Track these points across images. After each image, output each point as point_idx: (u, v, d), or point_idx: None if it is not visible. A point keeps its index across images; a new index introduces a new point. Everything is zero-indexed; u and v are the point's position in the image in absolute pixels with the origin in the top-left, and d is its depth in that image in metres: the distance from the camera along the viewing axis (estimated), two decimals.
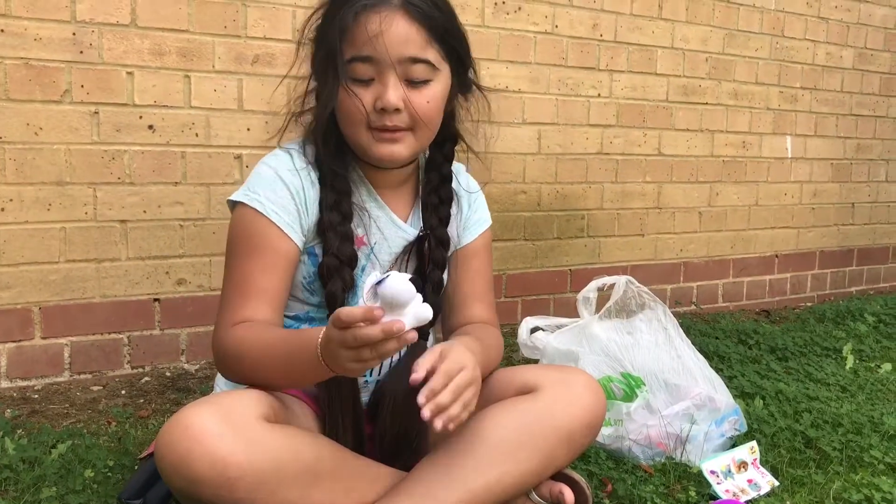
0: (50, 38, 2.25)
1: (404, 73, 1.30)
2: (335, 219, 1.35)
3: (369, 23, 1.26)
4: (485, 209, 1.61)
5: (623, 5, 3.30)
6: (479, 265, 1.55)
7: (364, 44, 1.27)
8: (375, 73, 1.30)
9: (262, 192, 1.34)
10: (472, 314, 1.53)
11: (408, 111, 1.31)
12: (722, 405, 1.96)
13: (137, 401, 2.26)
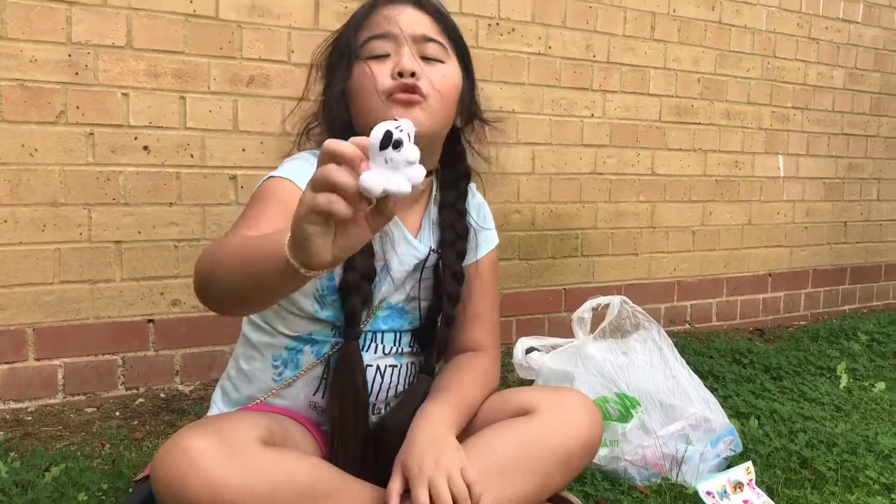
0: (46, 60, 2.25)
1: (419, 50, 1.35)
2: None
3: (384, 10, 1.35)
4: (492, 228, 1.61)
5: (616, 26, 3.33)
6: (483, 284, 1.55)
7: (379, 24, 1.34)
8: (392, 48, 1.34)
9: (291, 170, 1.33)
10: (472, 337, 1.53)
11: (424, 81, 1.33)
12: (717, 425, 1.96)
13: (131, 422, 2.24)
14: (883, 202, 4.43)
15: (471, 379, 1.45)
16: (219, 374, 2.51)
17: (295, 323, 1.40)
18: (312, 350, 1.39)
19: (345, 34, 1.40)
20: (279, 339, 1.41)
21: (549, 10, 3.15)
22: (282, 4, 2.57)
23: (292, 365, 1.40)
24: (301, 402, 1.41)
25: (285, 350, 1.41)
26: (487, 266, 1.56)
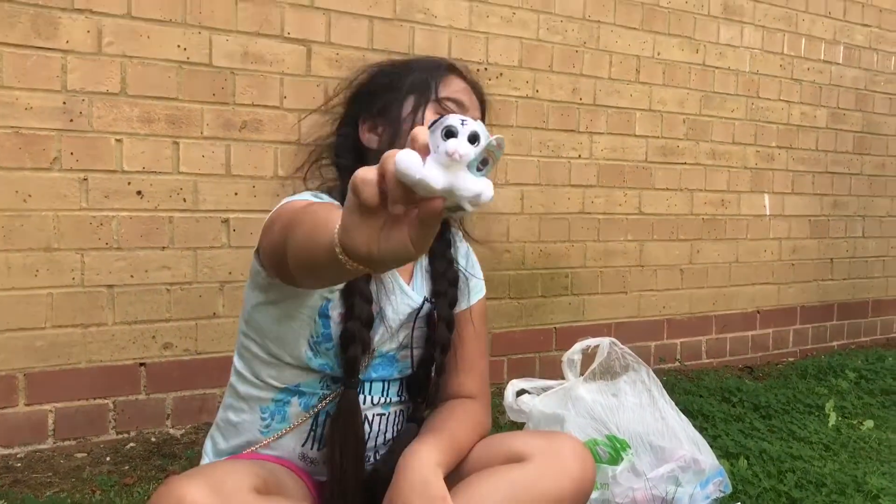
0: (41, 108, 2.28)
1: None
2: (360, 283, 1.36)
3: (461, 81, 1.43)
4: (479, 277, 1.62)
5: (601, 70, 3.39)
6: (473, 332, 1.56)
7: (458, 92, 1.41)
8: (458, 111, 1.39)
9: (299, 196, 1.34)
10: (462, 384, 1.53)
11: None
12: (706, 467, 1.97)
13: (122, 468, 2.24)
14: (868, 239, 4.49)
15: (461, 422, 1.46)
16: (210, 418, 2.51)
17: (284, 373, 1.40)
18: (300, 402, 1.40)
19: (415, 77, 1.41)
20: (266, 392, 1.42)
21: (536, 54, 3.21)
22: (274, 52, 2.62)
23: (279, 416, 1.41)
24: (291, 453, 1.41)
25: (272, 402, 1.41)
26: (478, 314, 1.57)
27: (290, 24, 2.65)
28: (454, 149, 0.69)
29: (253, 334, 1.41)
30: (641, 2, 3.48)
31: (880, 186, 4.51)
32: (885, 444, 2.62)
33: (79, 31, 2.32)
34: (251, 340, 1.42)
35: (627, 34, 3.46)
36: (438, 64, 1.45)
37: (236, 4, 2.55)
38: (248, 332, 1.42)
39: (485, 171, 0.73)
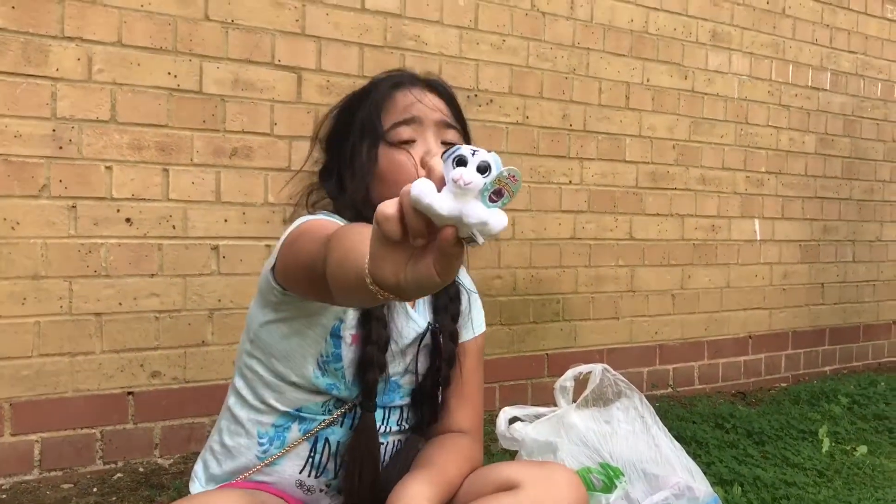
0: (30, 135, 2.28)
1: (440, 135, 1.37)
2: (377, 307, 1.36)
3: (407, 94, 1.38)
4: (481, 314, 1.63)
5: (591, 96, 3.41)
6: (471, 366, 1.56)
7: (405, 109, 1.36)
8: (416, 133, 1.35)
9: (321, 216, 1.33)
10: (456, 418, 1.52)
11: None
12: (701, 494, 1.95)
13: (109, 499, 2.20)
14: (858, 263, 4.50)
15: (453, 458, 1.44)
16: (198, 447, 2.48)
17: (287, 395, 1.38)
18: (300, 428, 1.39)
19: (363, 113, 1.39)
20: (267, 416, 1.40)
21: (525, 81, 3.22)
22: (265, 78, 2.62)
23: (278, 443, 1.39)
24: (287, 480, 1.39)
25: (272, 427, 1.40)
26: (477, 349, 1.58)
27: (281, 51, 2.65)
28: (460, 175, 0.71)
29: (258, 353, 1.39)
30: (630, 29, 3.51)
31: (869, 211, 4.53)
32: (879, 469, 2.61)
33: (69, 58, 2.32)
34: (255, 360, 1.40)
35: (617, 61, 3.48)
36: (383, 86, 1.41)
37: (227, 32, 2.56)
38: (253, 352, 1.40)
39: (499, 203, 0.72)
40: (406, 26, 2.92)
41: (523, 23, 3.21)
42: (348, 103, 1.45)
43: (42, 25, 2.28)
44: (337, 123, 1.46)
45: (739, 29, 3.89)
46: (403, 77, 1.41)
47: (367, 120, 1.38)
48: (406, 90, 1.38)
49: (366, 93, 1.42)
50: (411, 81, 1.40)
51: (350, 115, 1.43)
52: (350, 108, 1.43)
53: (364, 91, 1.43)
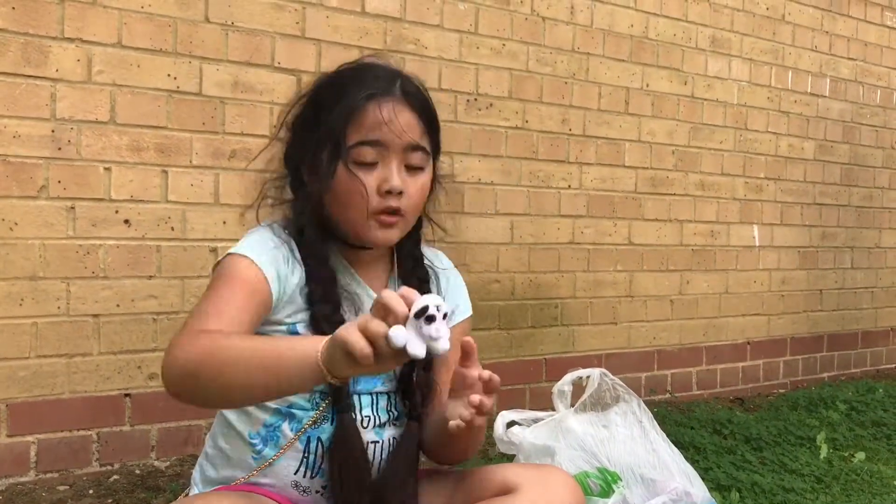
0: (29, 136, 2.27)
1: (405, 159, 1.35)
2: (327, 310, 1.35)
3: (380, 110, 1.32)
4: (463, 296, 1.60)
5: (591, 101, 3.41)
6: (456, 356, 1.55)
7: (373, 129, 1.31)
8: (379, 156, 1.33)
9: (248, 245, 1.33)
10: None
11: (405, 199, 1.34)
12: (698, 499, 1.95)
13: (105, 501, 2.20)
14: (857, 270, 4.50)
15: None
16: (195, 450, 2.48)
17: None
18: (290, 426, 1.38)
19: (330, 118, 1.33)
20: (257, 415, 1.40)
21: (525, 85, 3.23)
22: (264, 80, 2.62)
23: (272, 443, 1.39)
24: (283, 481, 1.39)
25: (263, 427, 1.39)
26: (460, 336, 1.55)
27: (281, 53, 2.65)
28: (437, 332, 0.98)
29: None
30: (630, 34, 3.52)
31: (868, 218, 4.53)
32: (877, 476, 2.61)
33: (69, 59, 2.32)
34: None
35: (616, 66, 3.48)
36: (356, 94, 1.32)
37: (227, 34, 2.56)
38: None
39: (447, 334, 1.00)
40: (406, 30, 2.92)
41: (523, 27, 3.21)
42: (318, 94, 1.39)
43: (42, 26, 2.28)
44: (304, 113, 1.40)
45: (739, 35, 3.90)
46: (378, 86, 1.33)
47: (333, 129, 1.32)
48: (378, 104, 1.32)
49: (337, 91, 1.36)
50: (386, 91, 1.33)
51: (318, 110, 1.37)
52: (319, 101, 1.38)
53: (336, 86, 1.37)
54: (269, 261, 1.32)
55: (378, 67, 1.41)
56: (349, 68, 1.41)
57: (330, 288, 1.37)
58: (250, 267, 1.30)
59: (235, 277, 1.29)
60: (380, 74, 1.38)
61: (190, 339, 1.16)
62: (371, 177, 1.32)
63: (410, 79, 1.41)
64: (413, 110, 1.36)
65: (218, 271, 1.33)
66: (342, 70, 1.41)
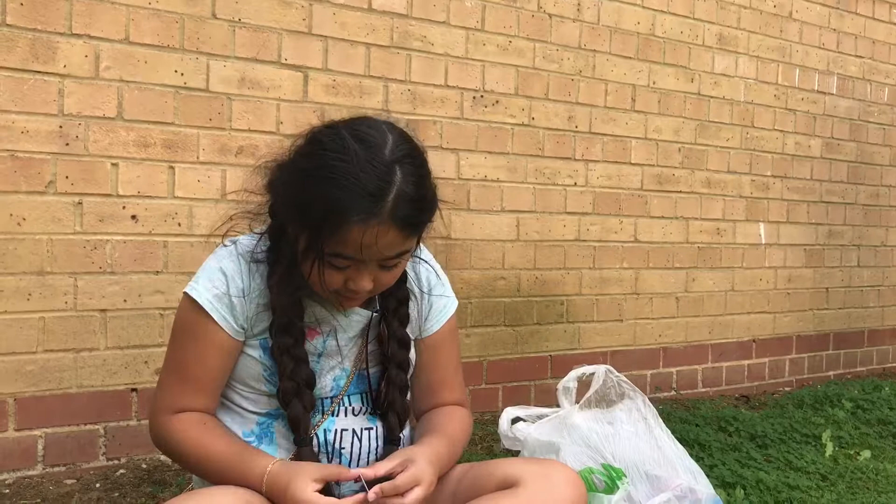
0: (37, 131, 2.29)
1: (381, 263, 1.30)
2: (287, 342, 1.36)
3: (363, 235, 1.22)
4: (446, 297, 1.55)
5: (597, 98, 3.41)
6: (446, 353, 1.56)
7: (352, 247, 1.24)
8: (353, 263, 1.28)
9: (202, 283, 1.38)
10: (441, 399, 1.54)
11: (374, 285, 1.33)
12: (703, 496, 1.95)
13: (112, 494, 2.21)
14: (863, 268, 4.49)
15: (451, 422, 1.49)
16: None
17: (259, 401, 1.41)
18: (283, 424, 1.40)
19: (312, 223, 1.25)
20: (249, 416, 1.42)
21: (531, 82, 3.23)
22: (271, 77, 2.63)
23: (267, 439, 1.40)
24: None
25: (256, 425, 1.42)
26: (447, 335, 1.55)
27: (288, 50, 2.66)
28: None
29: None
30: (637, 31, 3.51)
31: (875, 216, 4.52)
32: (883, 474, 2.60)
33: (77, 55, 2.33)
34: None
35: (623, 63, 3.48)
36: (344, 213, 1.21)
37: (234, 30, 2.56)
38: None
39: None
40: (412, 26, 2.92)
41: (530, 24, 3.21)
42: (305, 177, 1.27)
43: (50, 22, 2.29)
44: (291, 185, 1.31)
45: (746, 32, 3.89)
46: (366, 207, 1.21)
47: (312, 234, 1.26)
48: (363, 228, 1.21)
49: (324, 190, 1.23)
50: (372, 213, 1.21)
51: (302, 199, 1.27)
52: (305, 188, 1.26)
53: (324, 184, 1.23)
54: (227, 307, 1.35)
55: (372, 167, 1.23)
56: (340, 158, 1.24)
57: (293, 321, 1.37)
58: (205, 319, 1.35)
59: (192, 336, 1.37)
60: (371, 189, 1.21)
61: (165, 423, 1.37)
62: (340, 275, 1.29)
63: (406, 185, 1.24)
64: (400, 229, 1.25)
65: (180, 320, 1.39)
66: (335, 153, 1.25)
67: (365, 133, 1.27)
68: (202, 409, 1.38)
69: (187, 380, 1.36)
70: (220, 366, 1.38)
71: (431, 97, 2.98)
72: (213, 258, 1.43)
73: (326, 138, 1.29)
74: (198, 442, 1.34)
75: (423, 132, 2.96)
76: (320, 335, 1.42)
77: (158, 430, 1.38)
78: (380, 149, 1.25)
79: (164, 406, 1.37)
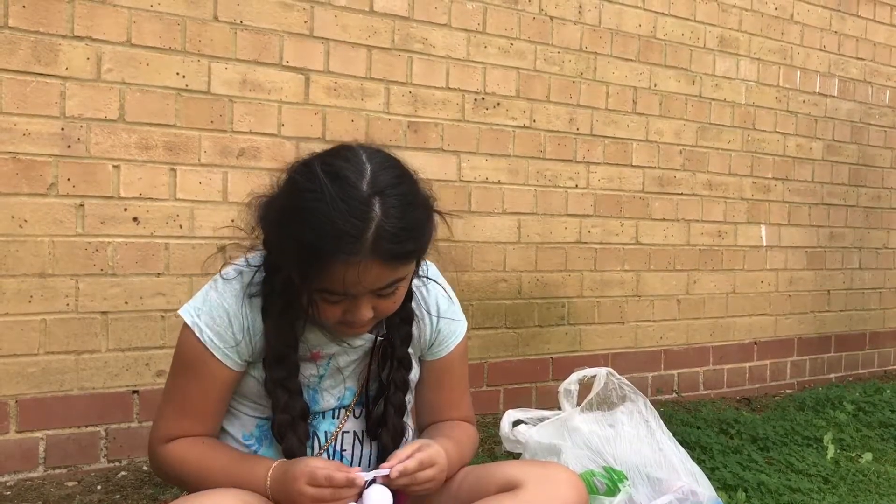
0: (38, 133, 2.29)
1: (376, 293, 1.27)
2: (281, 374, 1.36)
3: (346, 275, 1.20)
4: (455, 323, 1.52)
5: (598, 101, 3.41)
6: (454, 376, 1.55)
7: (340, 283, 1.22)
8: (346, 297, 1.26)
9: (203, 319, 1.35)
10: (448, 417, 1.54)
11: (376, 313, 1.31)
12: (704, 499, 1.95)
13: (113, 496, 2.21)
14: (865, 271, 4.49)
15: (458, 431, 1.50)
16: None
17: (258, 409, 1.42)
18: None
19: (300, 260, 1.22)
20: (247, 420, 1.43)
21: (533, 85, 3.23)
22: (272, 79, 2.63)
23: (267, 441, 1.41)
24: None
25: (256, 428, 1.43)
26: (456, 359, 1.54)
27: (289, 52, 2.66)
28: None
29: None
30: (638, 34, 3.52)
31: (876, 218, 4.52)
32: (884, 477, 2.60)
33: (78, 57, 2.33)
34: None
35: (624, 65, 3.48)
36: (331, 251, 1.18)
37: (235, 33, 2.57)
38: None
39: None
40: (414, 29, 2.93)
41: (531, 26, 3.21)
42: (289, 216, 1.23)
43: (52, 25, 2.29)
44: (270, 237, 1.31)
45: (747, 35, 3.89)
46: (346, 247, 1.17)
47: (299, 274, 1.24)
48: (346, 267, 1.19)
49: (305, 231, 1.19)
50: (354, 252, 1.18)
51: (282, 245, 1.27)
52: (285, 238, 1.25)
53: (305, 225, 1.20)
54: (221, 336, 1.34)
55: (346, 205, 1.18)
56: (315, 199, 1.20)
57: (288, 354, 1.36)
58: (206, 355, 1.34)
59: (194, 370, 1.36)
60: (347, 228, 1.17)
61: (163, 450, 1.37)
62: (336, 308, 1.27)
63: (387, 219, 1.20)
64: (385, 263, 1.22)
65: (182, 353, 1.37)
66: (309, 192, 1.21)
67: (340, 168, 1.22)
68: (202, 435, 1.39)
69: (188, 413, 1.37)
70: (223, 398, 1.39)
71: (433, 99, 2.98)
72: (214, 291, 1.38)
73: (301, 177, 1.24)
74: (199, 458, 1.35)
75: (425, 134, 2.97)
76: (323, 358, 1.42)
77: (159, 457, 1.39)
78: (355, 184, 1.20)
79: (163, 436, 1.38)
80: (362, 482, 1.24)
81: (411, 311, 1.46)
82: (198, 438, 1.37)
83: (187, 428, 1.37)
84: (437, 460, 1.31)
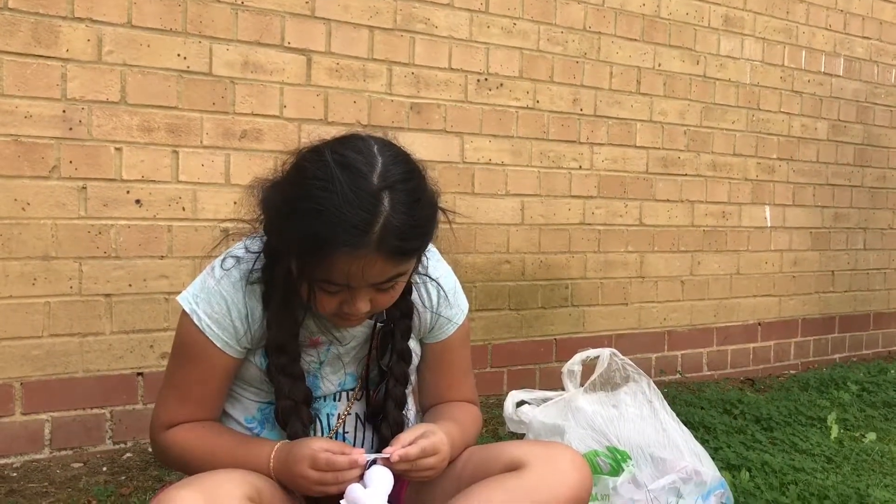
0: (40, 116, 2.28)
1: (375, 286, 1.26)
2: (283, 361, 1.35)
3: (350, 268, 1.19)
4: (456, 307, 1.51)
5: (602, 81, 3.39)
6: (455, 358, 1.54)
7: (338, 277, 1.21)
8: (346, 288, 1.25)
9: (202, 306, 1.34)
10: (450, 398, 1.54)
11: (372, 307, 1.29)
12: (708, 478, 1.95)
13: (119, 478, 2.22)
14: (869, 251, 4.47)
15: (462, 413, 1.49)
16: None
17: (259, 393, 1.42)
18: None
19: (300, 251, 1.21)
20: (249, 404, 1.43)
21: (536, 65, 3.21)
22: (274, 61, 2.62)
23: (269, 424, 1.41)
24: None
25: (258, 411, 1.43)
26: (456, 341, 1.53)
27: (291, 33, 2.65)
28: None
29: None
30: (642, 13, 3.49)
31: (881, 199, 4.50)
32: (888, 456, 2.60)
33: (79, 39, 2.32)
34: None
35: (628, 45, 3.46)
36: (331, 241, 1.16)
37: (236, 14, 2.55)
38: None
39: None
40: (416, 9, 2.91)
41: (534, 6, 3.19)
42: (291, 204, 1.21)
43: (52, 6, 2.28)
44: (274, 224, 1.28)
45: (752, 14, 3.86)
46: (351, 239, 1.16)
47: (300, 262, 1.23)
48: (350, 259, 1.17)
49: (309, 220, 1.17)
50: (358, 245, 1.16)
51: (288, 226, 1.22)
52: (290, 226, 1.21)
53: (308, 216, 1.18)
54: (219, 324, 1.33)
55: (356, 197, 1.16)
56: (324, 188, 1.17)
57: (289, 341, 1.35)
58: (206, 343, 1.33)
59: (194, 358, 1.35)
60: (355, 221, 1.15)
61: (165, 436, 1.37)
62: (334, 299, 1.26)
63: (395, 214, 1.18)
64: (388, 258, 1.20)
65: (182, 340, 1.37)
66: (319, 181, 1.18)
67: (351, 159, 1.19)
68: (203, 419, 1.39)
69: (189, 399, 1.37)
70: (223, 385, 1.39)
71: (435, 80, 2.97)
72: (212, 279, 1.36)
73: (310, 164, 1.22)
74: (202, 442, 1.35)
75: (427, 115, 2.95)
76: (323, 345, 1.41)
77: (161, 444, 1.38)
78: (366, 176, 1.18)
79: (165, 422, 1.38)
80: (364, 462, 1.24)
81: (411, 304, 1.45)
82: (199, 423, 1.37)
83: (188, 414, 1.37)
84: (440, 448, 1.31)
